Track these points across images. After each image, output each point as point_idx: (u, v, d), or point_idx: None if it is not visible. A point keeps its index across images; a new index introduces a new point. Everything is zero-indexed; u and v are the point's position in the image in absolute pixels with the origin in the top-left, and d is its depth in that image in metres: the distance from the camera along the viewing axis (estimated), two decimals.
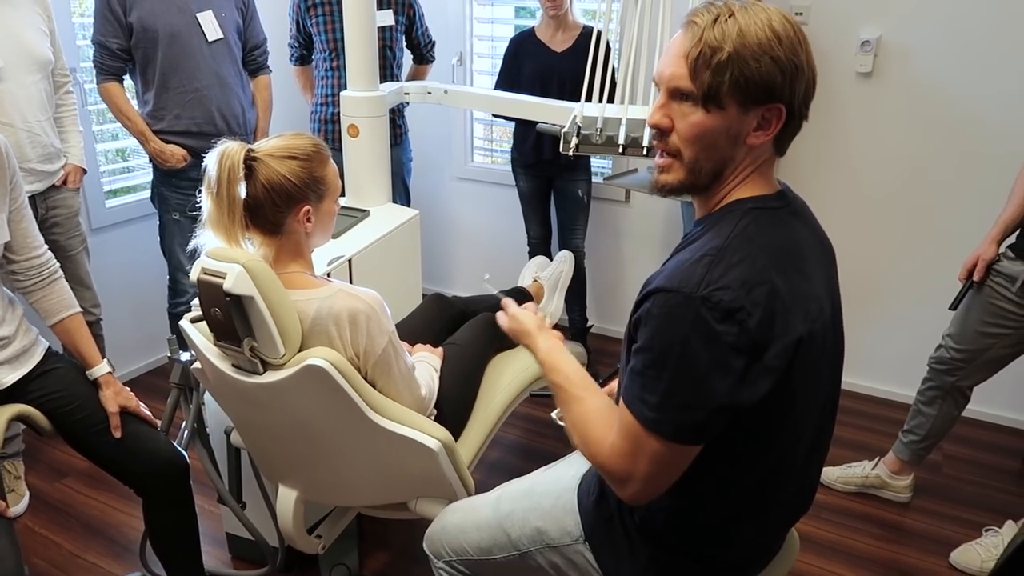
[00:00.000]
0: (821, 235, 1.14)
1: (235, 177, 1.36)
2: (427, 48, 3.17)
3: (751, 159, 1.03)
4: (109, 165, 3.04)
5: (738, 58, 0.94)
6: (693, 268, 0.96)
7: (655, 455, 1.00)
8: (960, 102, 2.61)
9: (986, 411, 2.85)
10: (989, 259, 2.05)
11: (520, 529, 1.34)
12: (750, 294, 0.93)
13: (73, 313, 1.76)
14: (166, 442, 1.77)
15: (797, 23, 0.99)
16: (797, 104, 0.99)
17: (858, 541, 2.27)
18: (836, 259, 1.18)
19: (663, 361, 0.96)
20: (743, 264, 0.95)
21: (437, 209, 3.77)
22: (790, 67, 0.95)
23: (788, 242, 1.02)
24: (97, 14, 2.43)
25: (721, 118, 0.98)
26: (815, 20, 2.74)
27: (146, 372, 3.18)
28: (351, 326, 1.43)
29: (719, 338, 0.93)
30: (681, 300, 0.94)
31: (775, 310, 0.95)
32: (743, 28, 0.94)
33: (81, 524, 2.33)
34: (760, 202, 1.04)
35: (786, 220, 1.05)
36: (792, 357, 0.97)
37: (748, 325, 0.93)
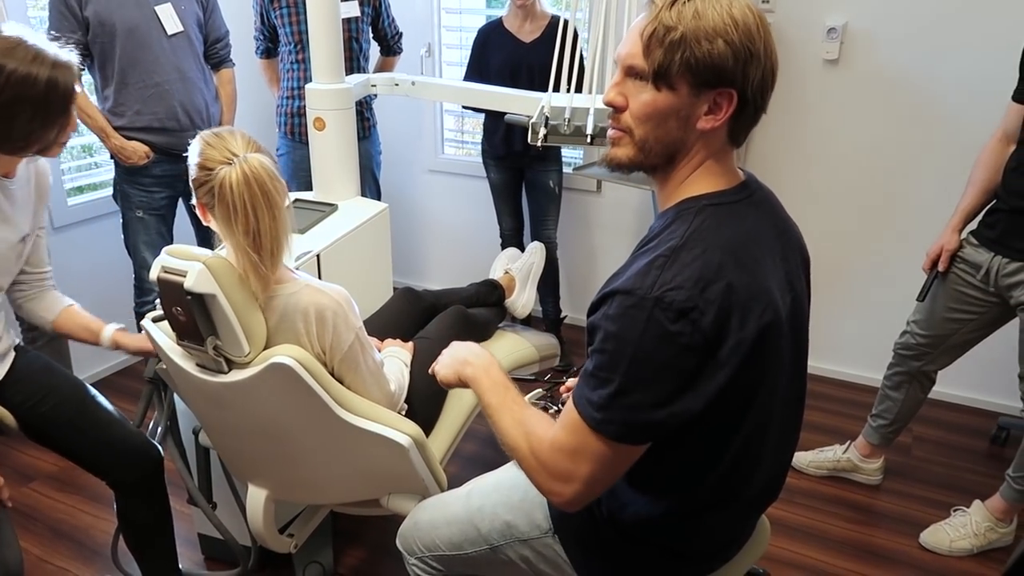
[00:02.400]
0: (785, 226, 1.14)
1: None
2: (394, 40, 3.14)
3: (703, 145, 1.03)
4: (74, 162, 2.98)
5: (690, 38, 0.94)
6: (647, 270, 0.96)
7: (599, 455, 1.01)
8: (924, 89, 2.64)
9: (954, 392, 2.90)
10: (953, 249, 2.08)
11: (490, 523, 1.34)
12: (704, 292, 0.94)
13: (70, 304, 1.79)
14: (139, 434, 1.75)
15: (761, 13, 0.99)
16: (751, 91, 0.98)
17: (830, 524, 2.30)
18: (806, 249, 1.17)
19: (615, 362, 0.96)
20: (697, 262, 0.96)
21: (408, 202, 3.74)
22: (743, 52, 0.95)
23: (746, 236, 1.02)
24: (52, 9, 2.37)
25: (672, 98, 0.98)
26: (782, 8, 2.75)
27: (113, 372, 3.13)
28: (318, 322, 1.41)
29: (673, 339, 0.93)
30: (635, 301, 0.94)
31: (731, 307, 0.95)
32: (699, 10, 0.95)
33: (48, 528, 2.29)
34: (717, 197, 1.03)
35: (745, 213, 1.04)
36: (748, 352, 0.97)
37: (702, 324, 0.93)
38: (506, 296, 2.24)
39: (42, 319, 1.76)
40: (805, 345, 1.16)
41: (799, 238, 1.17)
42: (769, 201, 1.12)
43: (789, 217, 1.17)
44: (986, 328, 2.11)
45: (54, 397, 1.68)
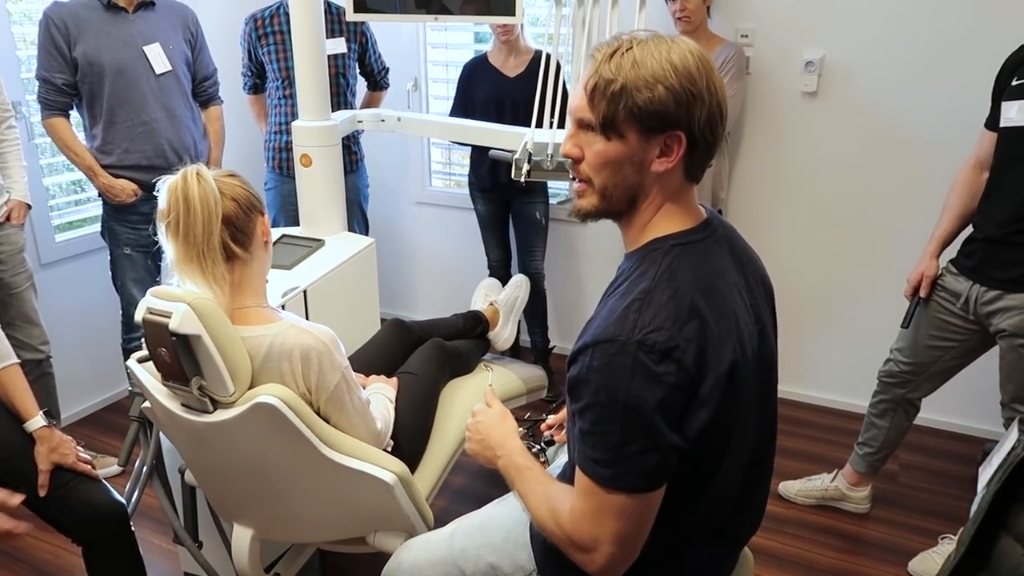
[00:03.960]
0: (748, 258, 1.16)
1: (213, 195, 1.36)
2: (381, 75, 3.18)
3: (661, 186, 1.05)
4: (64, 197, 2.99)
5: (631, 88, 0.97)
6: (625, 315, 0.98)
7: (621, 511, 1.00)
8: (901, 119, 2.69)
9: (939, 419, 2.91)
10: (933, 275, 2.11)
11: (474, 565, 1.33)
12: (682, 331, 0.96)
13: (8, 365, 1.67)
14: (103, 492, 1.70)
15: (702, 54, 1.01)
16: (698, 130, 1.00)
17: (818, 554, 2.30)
18: (768, 280, 1.20)
19: (611, 414, 0.96)
20: (672, 303, 0.98)
21: (396, 234, 3.76)
22: (685, 95, 0.97)
23: (714, 273, 1.04)
24: (40, 49, 2.40)
25: (622, 146, 1.01)
26: (760, 42, 2.81)
27: (100, 408, 3.11)
28: (303, 362, 1.42)
29: (661, 379, 0.95)
30: (618, 348, 0.95)
31: (707, 343, 0.97)
32: (638, 59, 0.98)
33: (32, 568, 2.26)
34: (684, 236, 1.06)
35: (710, 250, 1.07)
36: (725, 387, 0.99)
37: (685, 362, 0.95)
38: (490, 328, 2.25)
39: None
40: (774, 376, 1.18)
41: (762, 269, 1.19)
42: (730, 236, 1.15)
43: (751, 249, 1.19)
44: (968, 355, 2.13)
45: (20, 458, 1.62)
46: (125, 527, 1.73)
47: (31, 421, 1.66)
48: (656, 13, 2.78)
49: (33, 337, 2.40)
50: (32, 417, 1.66)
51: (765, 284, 1.19)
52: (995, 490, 1.14)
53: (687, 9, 2.63)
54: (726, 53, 2.68)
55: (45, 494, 1.62)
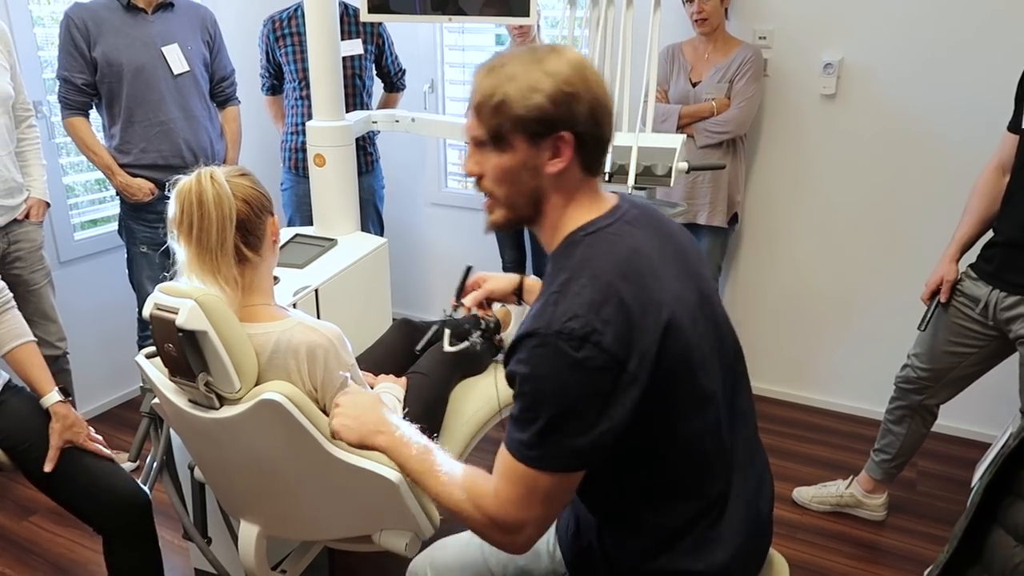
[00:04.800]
0: (670, 229, 1.19)
1: (227, 198, 1.37)
2: (397, 76, 3.19)
3: (560, 186, 1.10)
4: (88, 196, 3.03)
5: (509, 99, 1.03)
6: (543, 309, 1.02)
7: (547, 492, 1.04)
8: (921, 121, 2.65)
9: (959, 426, 2.86)
10: (952, 279, 2.07)
11: (503, 568, 1.35)
12: (599, 314, 0.99)
13: (25, 342, 1.73)
14: (125, 479, 1.74)
15: (576, 57, 1.06)
16: (583, 127, 1.05)
17: (833, 561, 2.27)
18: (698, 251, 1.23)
19: (538, 401, 1.01)
20: (587, 289, 1.01)
21: (411, 235, 3.77)
22: (562, 97, 1.03)
23: (628, 252, 1.07)
24: (61, 50, 2.44)
25: (515, 155, 1.07)
26: (778, 44, 2.78)
27: (116, 405, 3.14)
28: (309, 360, 1.42)
29: (582, 364, 0.98)
30: (539, 340, 1.00)
31: (629, 321, 1.00)
32: (512, 73, 1.04)
33: (48, 563, 2.29)
34: (592, 225, 1.10)
35: (622, 232, 1.10)
36: (656, 357, 1.01)
37: (604, 344, 0.98)
38: (502, 329, 2.24)
39: None
40: (728, 328, 1.20)
41: (688, 243, 1.21)
42: (646, 214, 1.17)
43: (672, 221, 1.24)
44: (987, 362, 2.09)
45: (44, 443, 1.67)
46: (147, 516, 1.75)
47: (47, 396, 1.71)
48: (672, 15, 2.77)
49: (50, 333, 2.44)
50: (47, 393, 1.71)
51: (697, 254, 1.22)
52: (987, 482, 1.13)
53: (704, 11, 2.61)
54: (744, 55, 2.66)
55: (51, 469, 1.65)
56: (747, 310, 3.15)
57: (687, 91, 2.74)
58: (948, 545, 1.18)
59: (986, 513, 1.16)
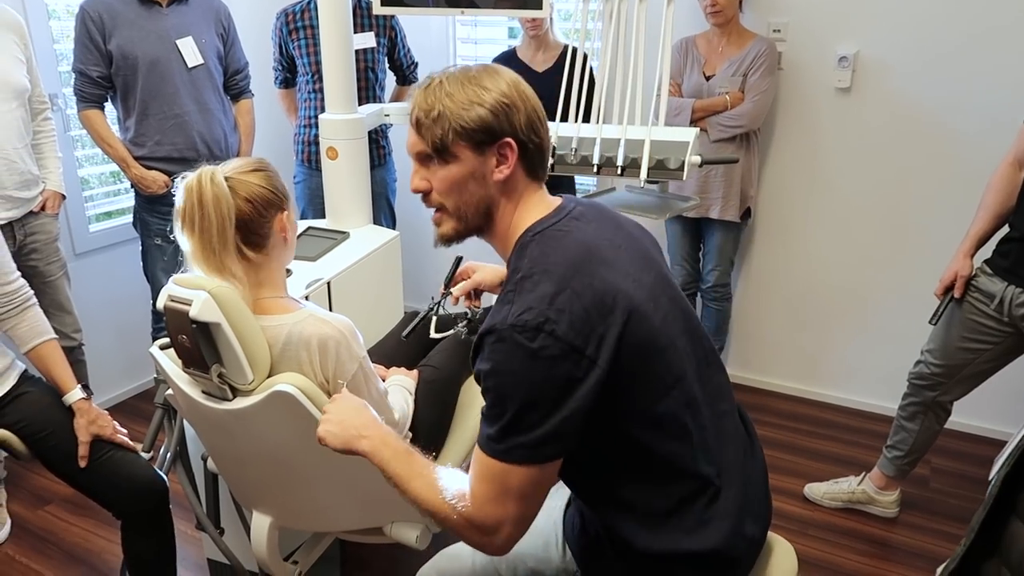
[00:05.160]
0: (616, 222, 1.21)
1: (224, 196, 1.36)
2: (410, 69, 3.19)
3: (507, 193, 1.14)
4: (102, 188, 3.05)
5: (450, 113, 1.08)
6: (500, 307, 1.06)
7: (520, 487, 1.05)
8: (938, 115, 2.63)
9: (973, 423, 2.85)
10: (967, 275, 2.05)
11: (513, 572, 1.35)
12: (552, 304, 1.02)
13: (46, 340, 1.76)
14: (144, 467, 1.76)
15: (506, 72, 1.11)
16: (523, 134, 1.10)
17: (844, 557, 2.26)
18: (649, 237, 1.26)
19: (502, 395, 1.03)
20: (542, 283, 1.04)
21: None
22: (501, 108, 1.08)
23: (577, 245, 1.10)
24: (77, 42, 2.45)
25: (461, 165, 1.10)
26: (793, 37, 2.76)
27: (131, 396, 3.18)
28: (320, 352, 1.42)
29: (537, 354, 1.00)
30: (497, 336, 1.02)
31: (584, 309, 1.02)
32: (449, 90, 1.08)
33: (63, 551, 2.31)
34: (540, 224, 1.13)
35: (569, 228, 1.13)
36: (616, 341, 1.03)
37: (558, 332, 1.00)
38: None
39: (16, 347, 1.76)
40: (688, 308, 1.22)
41: (635, 230, 1.24)
42: (592, 208, 1.20)
43: (619, 213, 1.26)
44: (1001, 358, 2.07)
45: (63, 432, 1.70)
46: (163, 504, 1.78)
47: (70, 394, 1.74)
48: (685, 8, 2.75)
49: (66, 325, 2.46)
50: (71, 390, 1.74)
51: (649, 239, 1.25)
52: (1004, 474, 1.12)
53: (718, 3, 2.60)
54: (758, 48, 2.65)
55: (85, 465, 1.69)
56: (759, 305, 3.13)
57: (701, 84, 2.73)
58: (965, 537, 1.17)
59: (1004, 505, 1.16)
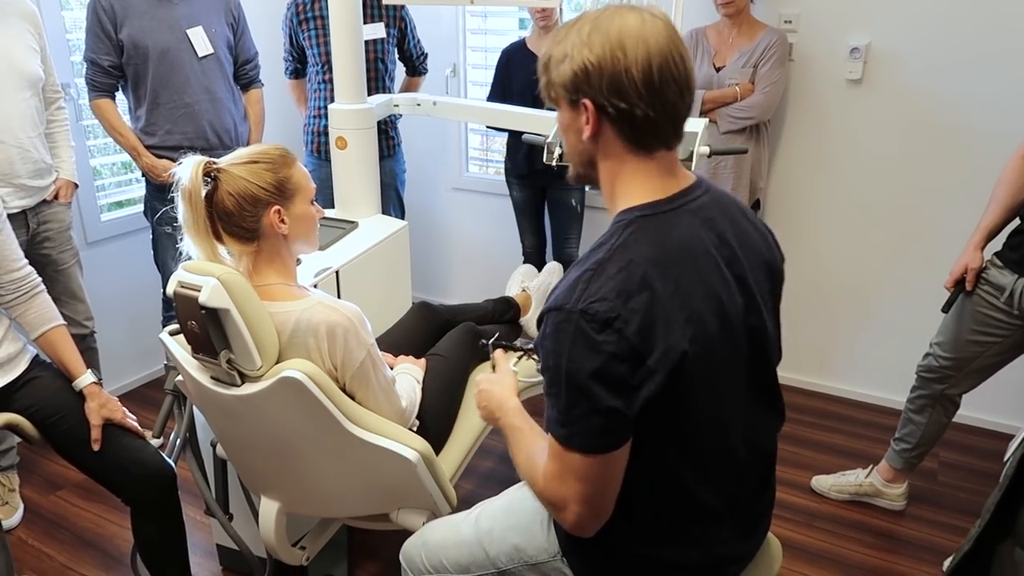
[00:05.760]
0: (739, 229, 1.14)
1: (197, 189, 1.41)
2: (420, 60, 3.19)
3: (605, 153, 1.09)
4: (114, 177, 3.07)
5: (552, 61, 1.08)
6: (575, 284, 1.02)
7: (580, 471, 1.04)
8: (949, 107, 2.61)
9: (983, 417, 2.83)
10: (977, 267, 2.04)
11: (499, 547, 1.34)
12: (627, 303, 0.98)
13: (55, 326, 1.78)
14: (153, 453, 1.78)
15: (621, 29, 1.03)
16: (603, 97, 1.03)
17: (850, 550, 2.26)
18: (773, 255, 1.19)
19: (557, 377, 1.01)
20: (622, 274, 1.00)
21: (432, 220, 3.78)
22: (583, 68, 1.03)
23: (676, 245, 1.05)
24: (88, 32, 2.47)
25: (562, 115, 1.10)
26: (804, 28, 2.75)
27: (142, 384, 3.20)
28: (328, 339, 1.44)
29: (600, 347, 0.98)
30: (564, 316, 1.00)
31: (656, 315, 0.99)
32: (562, 36, 1.07)
33: (74, 536, 2.34)
34: (649, 208, 1.08)
35: (679, 221, 1.07)
36: (679, 359, 1.00)
37: (626, 332, 0.98)
38: (521, 314, 2.25)
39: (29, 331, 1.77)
40: (768, 347, 1.17)
41: (762, 244, 1.18)
42: (718, 204, 1.14)
43: (752, 222, 1.19)
44: (1010, 351, 2.06)
45: (74, 416, 1.72)
46: (173, 489, 1.80)
47: (80, 378, 1.75)
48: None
49: (78, 313, 2.48)
50: (81, 375, 1.76)
51: (766, 257, 1.18)
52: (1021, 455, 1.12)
53: None
54: (769, 39, 2.63)
55: (99, 448, 1.71)
56: None
57: (711, 76, 2.72)
58: (980, 519, 1.17)
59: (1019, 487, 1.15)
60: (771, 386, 1.21)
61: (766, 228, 1.23)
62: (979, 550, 1.20)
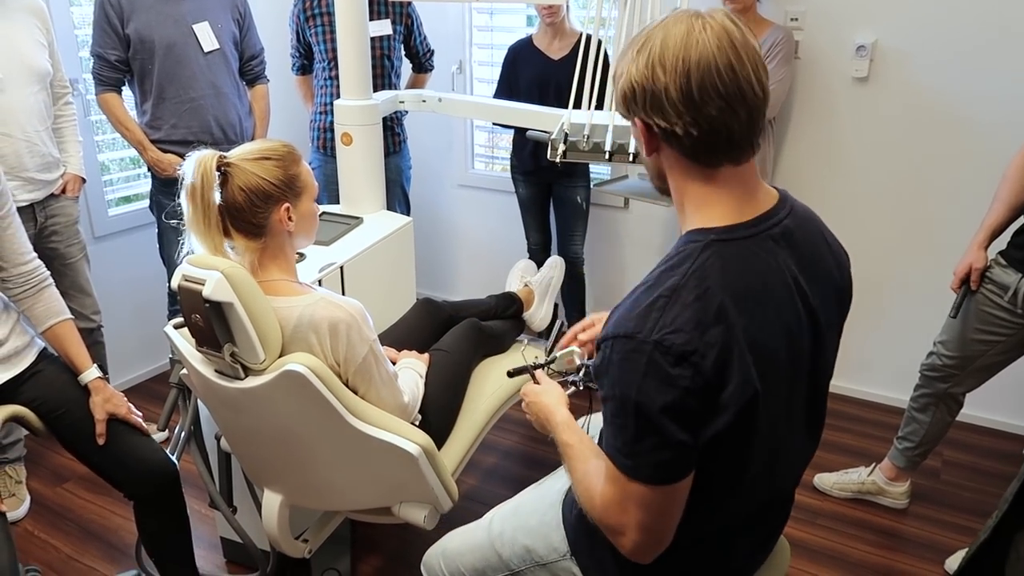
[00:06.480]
0: (816, 255, 1.10)
1: (209, 184, 1.40)
2: (426, 57, 3.20)
3: (670, 167, 1.05)
4: (121, 173, 3.09)
5: (616, 75, 1.05)
6: (648, 311, 0.96)
7: (642, 500, 1.01)
8: (955, 106, 2.60)
9: (986, 416, 2.83)
10: (981, 267, 2.03)
11: (510, 548, 1.35)
12: (704, 335, 0.93)
13: (62, 320, 1.79)
14: (156, 450, 1.79)
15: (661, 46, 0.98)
16: (646, 116, 1.00)
17: (853, 548, 2.26)
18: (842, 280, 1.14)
19: (624, 408, 0.97)
20: (698, 303, 0.95)
21: (438, 216, 3.79)
22: (632, 83, 1.00)
23: (754, 275, 1.00)
24: (95, 26, 2.48)
25: (633, 127, 1.06)
26: (810, 25, 2.74)
27: (148, 379, 3.22)
28: (331, 334, 1.44)
29: (675, 382, 0.93)
30: (636, 346, 0.95)
31: (732, 349, 0.94)
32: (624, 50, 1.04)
33: (80, 528, 2.36)
34: (727, 232, 1.01)
35: (759, 248, 1.01)
36: (752, 395, 0.96)
37: (703, 367, 0.93)
38: (524, 309, 2.26)
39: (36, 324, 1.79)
40: (825, 379, 1.14)
41: (834, 269, 1.13)
42: (801, 229, 1.08)
43: (830, 245, 1.14)
44: (1014, 351, 2.06)
45: (79, 410, 1.73)
46: (175, 485, 1.81)
47: (86, 373, 1.77)
48: None
49: (85, 307, 2.50)
50: (86, 369, 1.77)
51: (836, 284, 1.13)
52: None
53: None
54: (774, 36, 2.63)
55: (103, 442, 1.72)
56: None
57: None
58: (997, 510, 1.17)
59: None
60: (822, 416, 1.17)
61: (841, 249, 1.17)
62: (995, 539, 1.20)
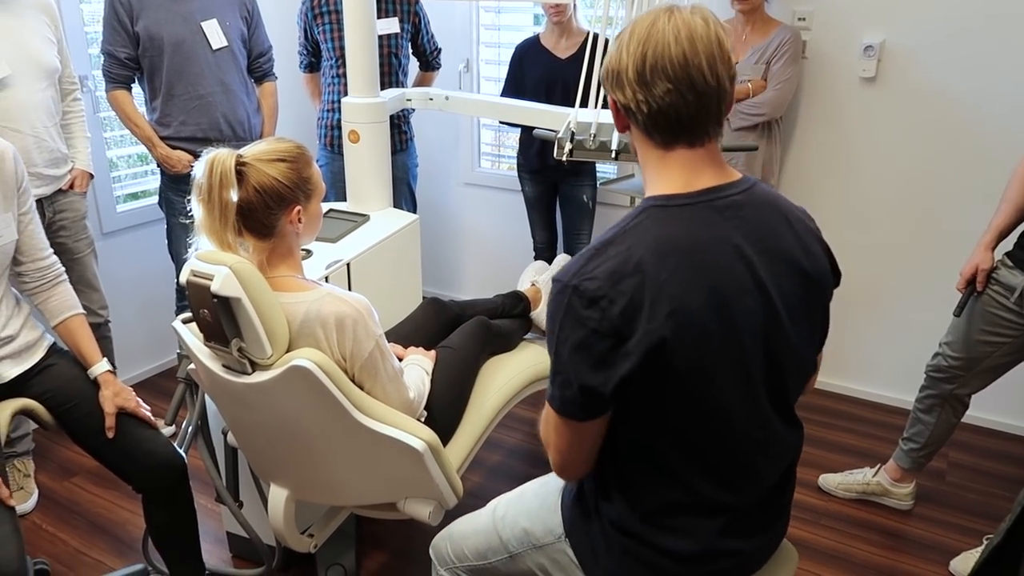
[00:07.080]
0: (772, 234, 1.12)
1: (227, 183, 1.40)
2: (433, 55, 3.21)
3: (637, 146, 1.15)
4: (129, 169, 3.11)
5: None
6: (578, 260, 1.07)
7: (557, 427, 1.14)
8: (963, 106, 2.60)
9: (992, 418, 2.82)
10: (988, 268, 2.03)
11: (510, 531, 1.38)
12: (617, 284, 1.02)
13: (74, 314, 1.81)
14: (164, 444, 1.80)
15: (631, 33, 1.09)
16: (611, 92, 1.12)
17: (857, 548, 2.26)
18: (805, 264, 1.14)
19: (551, 342, 1.10)
20: (619, 257, 1.04)
21: (444, 214, 3.80)
22: (607, 66, 1.12)
23: (685, 237, 1.06)
24: (105, 24, 2.50)
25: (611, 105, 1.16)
26: (818, 25, 2.74)
27: (155, 374, 3.24)
28: (337, 330, 1.45)
29: (584, 322, 1.04)
30: (560, 288, 1.07)
31: (642, 300, 1.02)
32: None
33: (87, 521, 2.37)
34: (666, 199, 1.10)
35: (695, 216, 1.07)
36: (657, 344, 1.01)
37: (610, 312, 1.02)
38: (532, 308, 2.26)
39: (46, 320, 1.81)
40: (783, 356, 1.13)
41: (797, 251, 1.14)
42: (755, 206, 1.12)
43: (793, 226, 1.16)
44: (1020, 352, 2.06)
45: (88, 404, 1.75)
46: (183, 479, 1.83)
47: (96, 366, 1.78)
48: None
49: (93, 302, 2.51)
50: (96, 363, 1.79)
51: (798, 267, 1.14)
52: None
53: None
54: (782, 36, 2.63)
55: (113, 436, 1.73)
56: None
57: None
58: (1010, 514, 1.17)
59: None
60: (784, 394, 1.17)
61: (815, 239, 1.20)
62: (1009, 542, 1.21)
